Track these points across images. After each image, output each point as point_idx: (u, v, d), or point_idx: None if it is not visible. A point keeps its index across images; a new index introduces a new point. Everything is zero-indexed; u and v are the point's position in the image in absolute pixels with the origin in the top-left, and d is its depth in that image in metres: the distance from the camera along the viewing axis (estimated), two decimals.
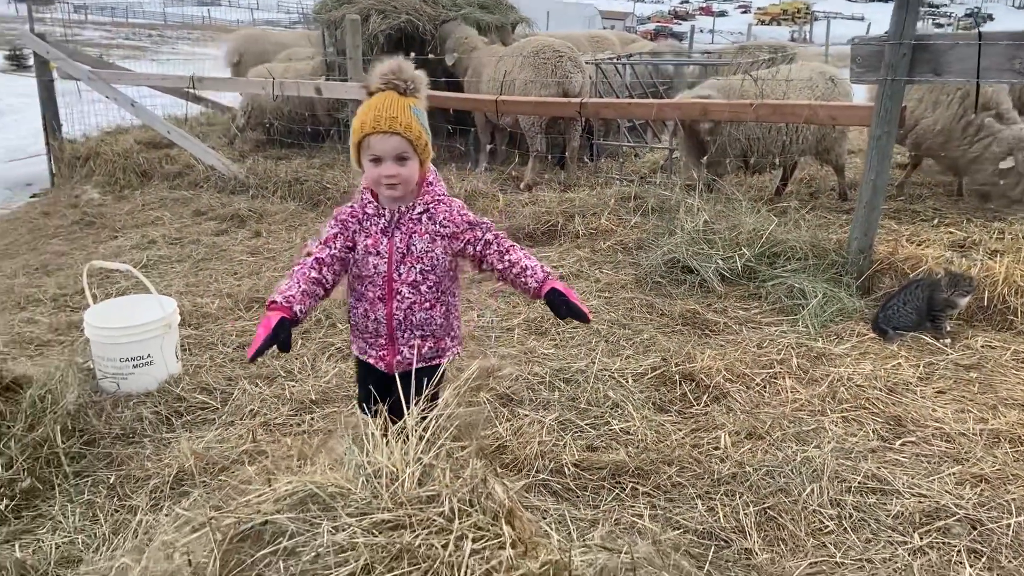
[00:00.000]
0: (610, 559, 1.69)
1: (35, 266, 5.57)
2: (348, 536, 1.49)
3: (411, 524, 1.53)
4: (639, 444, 3.06)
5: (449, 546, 1.49)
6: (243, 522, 1.52)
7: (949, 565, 2.40)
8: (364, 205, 2.39)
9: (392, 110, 2.26)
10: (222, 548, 1.49)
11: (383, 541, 1.48)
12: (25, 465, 2.79)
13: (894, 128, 4.12)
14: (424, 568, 1.45)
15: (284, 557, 1.43)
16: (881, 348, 3.81)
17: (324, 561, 1.44)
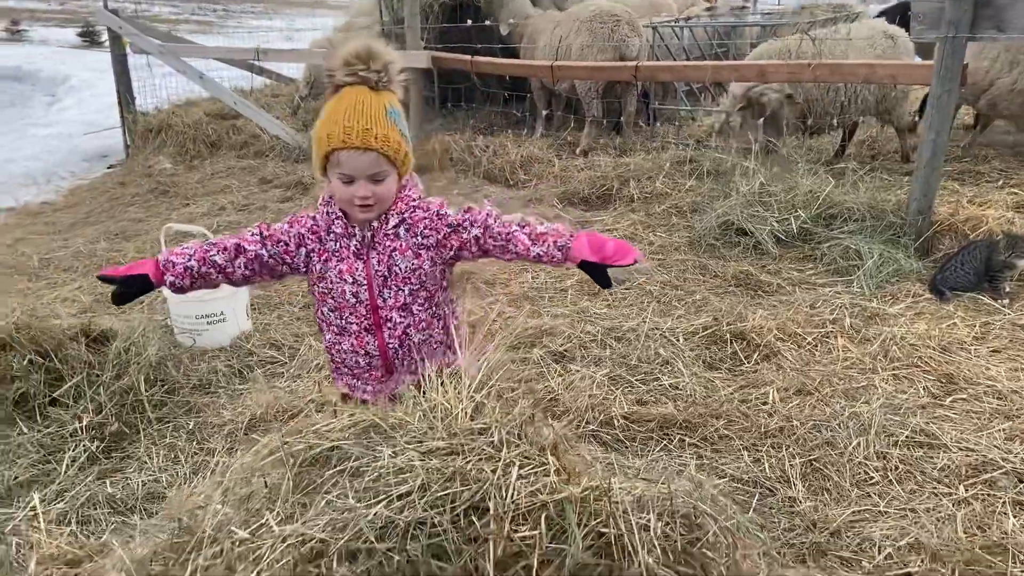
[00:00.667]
0: (648, 488, 1.79)
1: (114, 232, 5.89)
2: (406, 459, 1.62)
3: (463, 451, 1.66)
4: (688, 399, 3.15)
5: (498, 471, 1.61)
6: (312, 448, 1.67)
7: (993, 516, 2.43)
8: (330, 222, 2.00)
9: (365, 119, 1.86)
10: (294, 470, 1.65)
11: (438, 464, 1.60)
12: (113, 411, 3.03)
13: (955, 86, 4.04)
14: (475, 489, 1.57)
15: (350, 477, 1.58)
16: (936, 308, 3.79)
17: (385, 480, 1.58)
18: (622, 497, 1.59)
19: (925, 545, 2.31)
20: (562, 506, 1.60)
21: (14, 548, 2.43)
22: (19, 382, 2.95)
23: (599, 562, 1.61)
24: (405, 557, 1.45)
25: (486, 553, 1.48)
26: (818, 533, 2.41)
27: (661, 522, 1.71)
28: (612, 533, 1.62)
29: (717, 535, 1.79)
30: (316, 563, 1.46)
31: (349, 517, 1.51)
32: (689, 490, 1.81)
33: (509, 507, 1.55)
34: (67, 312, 3.84)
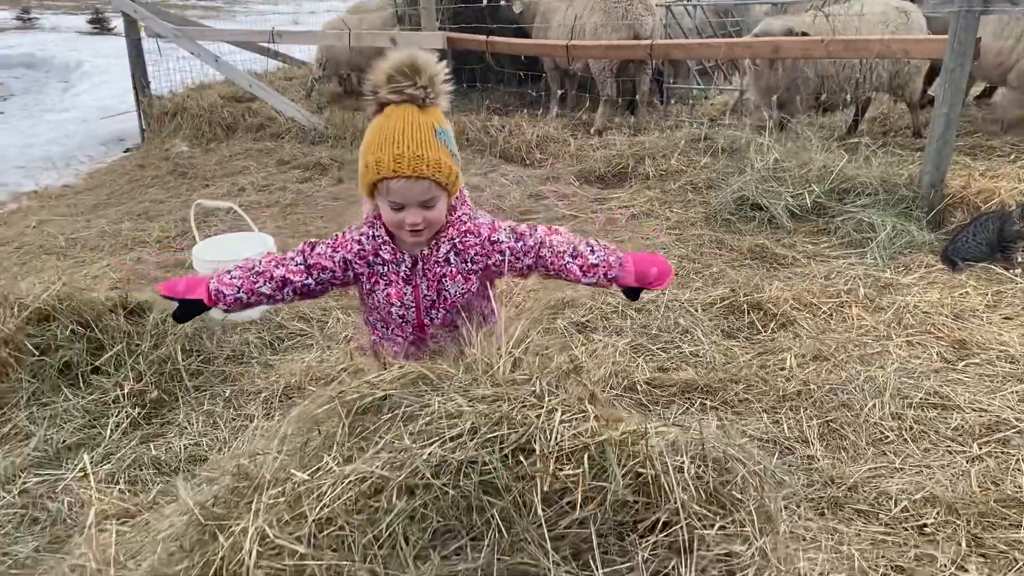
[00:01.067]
0: (681, 434, 1.89)
1: (137, 212, 5.99)
2: (456, 406, 1.72)
3: (508, 399, 1.76)
4: (708, 365, 3.24)
5: (542, 416, 1.72)
6: (364, 397, 1.78)
7: (1006, 472, 2.52)
8: (377, 247, 1.97)
9: (415, 145, 1.79)
10: (348, 418, 1.75)
11: (485, 409, 1.71)
12: (152, 379, 3.15)
13: (968, 61, 4.10)
14: (521, 432, 1.68)
15: (403, 422, 1.68)
16: (949, 278, 3.87)
17: (437, 424, 1.68)
18: (658, 441, 1.69)
19: (940, 498, 2.41)
20: (603, 447, 1.71)
21: (66, 506, 2.55)
22: (63, 351, 3.06)
23: (637, 499, 1.72)
24: (459, 492, 1.56)
25: (533, 489, 1.59)
26: (836, 488, 2.50)
27: (694, 465, 1.82)
28: (649, 473, 1.73)
29: (746, 479, 1.90)
30: (376, 498, 1.57)
31: (405, 457, 1.62)
32: (719, 436, 1.92)
33: (553, 448, 1.66)
34: (100, 287, 3.95)
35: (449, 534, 1.63)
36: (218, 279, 2.02)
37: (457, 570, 1.60)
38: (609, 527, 1.73)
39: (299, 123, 7.75)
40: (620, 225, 4.85)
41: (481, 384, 1.76)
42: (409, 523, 1.59)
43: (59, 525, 2.48)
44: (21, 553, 2.33)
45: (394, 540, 1.58)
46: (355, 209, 5.45)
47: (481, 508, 1.58)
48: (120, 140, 9.18)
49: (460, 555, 1.63)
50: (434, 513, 1.60)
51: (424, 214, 1.86)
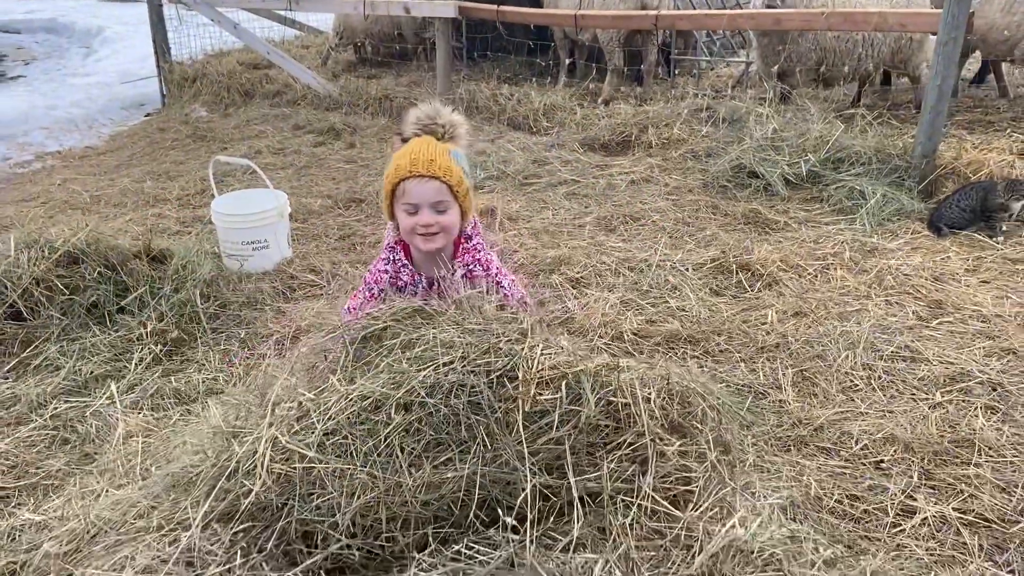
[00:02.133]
0: (649, 369, 2.08)
1: (158, 172, 6.21)
2: (448, 336, 1.92)
3: (496, 333, 1.96)
4: (693, 319, 3.43)
5: (525, 348, 1.91)
6: (367, 328, 1.98)
7: (964, 417, 2.70)
8: (398, 270, 2.25)
9: (430, 153, 2.10)
10: (352, 346, 1.96)
11: (474, 340, 1.91)
12: (173, 319, 3.37)
13: (961, 34, 4.21)
14: (506, 360, 1.88)
15: (401, 348, 1.88)
16: (933, 243, 4.02)
17: (431, 352, 1.88)
18: (628, 375, 1.88)
19: (899, 438, 2.60)
20: (578, 376, 1.91)
21: (94, 429, 2.78)
22: (90, 291, 3.29)
23: (608, 423, 1.91)
24: (450, 410, 1.76)
25: (516, 410, 1.79)
26: (803, 428, 2.70)
27: (660, 398, 2.01)
28: (619, 401, 1.93)
29: (705, 411, 2.10)
30: (376, 412, 1.77)
31: (403, 378, 1.82)
32: (683, 374, 2.11)
33: (535, 375, 1.86)
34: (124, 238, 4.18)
35: (440, 446, 1.84)
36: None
37: (446, 477, 1.81)
38: (582, 445, 1.93)
39: (314, 90, 7.93)
40: (619, 190, 5.01)
41: (472, 320, 1.96)
42: (405, 435, 1.80)
43: (88, 444, 2.71)
44: (54, 467, 2.57)
45: (391, 450, 1.79)
46: (365, 172, 5.63)
47: (469, 425, 1.78)
48: (141, 105, 9.39)
49: (449, 465, 1.84)
50: (427, 428, 1.81)
51: (437, 217, 2.12)
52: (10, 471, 2.54)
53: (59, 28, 14.70)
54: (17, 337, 3.19)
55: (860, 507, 2.32)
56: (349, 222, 4.75)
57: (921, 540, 2.19)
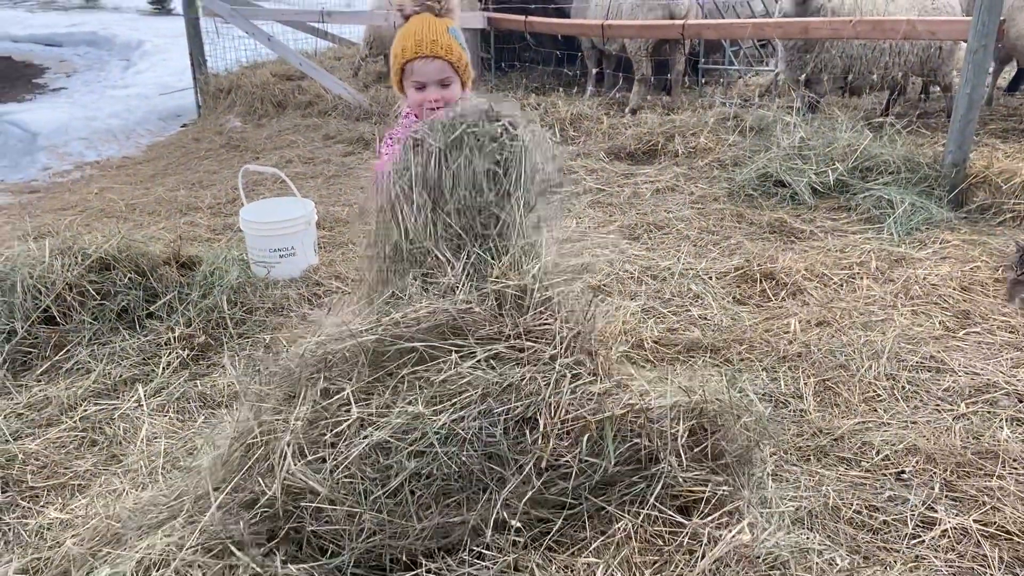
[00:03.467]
0: (681, 398, 2.06)
1: (192, 182, 6.35)
2: (470, 369, 1.89)
3: (524, 360, 1.92)
4: (715, 328, 3.41)
5: (551, 385, 1.88)
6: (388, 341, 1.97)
7: (988, 429, 2.66)
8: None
9: (432, 33, 2.29)
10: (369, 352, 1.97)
11: (496, 377, 1.86)
12: (200, 325, 3.44)
13: (991, 42, 4.16)
14: (527, 403, 1.85)
15: (419, 379, 1.87)
16: (963, 253, 3.96)
17: (451, 387, 1.86)
18: (661, 413, 1.85)
19: (921, 449, 2.56)
20: (602, 425, 1.87)
21: (121, 431, 2.85)
22: (121, 296, 3.37)
23: (628, 468, 1.87)
24: (462, 462, 1.75)
25: (532, 463, 1.76)
26: (824, 438, 2.67)
27: (688, 430, 1.96)
28: (644, 445, 1.89)
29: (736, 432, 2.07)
30: (387, 455, 1.77)
31: (417, 423, 1.80)
32: (719, 394, 2.07)
33: (556, 424, 1.82)
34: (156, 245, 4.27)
35: (450, 493, 1.82)
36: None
37: (453, 522, 1.78)
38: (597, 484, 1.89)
39: (345, 100, 8.04)
40: (644, 199, 5.01)
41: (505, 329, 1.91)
42: (416, 480, 1.78)
43: (115, 446, 2.77)
44: (82, 467, 2.64)
45: (402, 495, 1.77)
46: None
47: (481, 475, 1.76)
48: (177, 116, 9.60)
49: (458, 510, 1.81)
50: (439, 474, 1.79)
51: (441, 92, 2.36)
52: (40, 471, 2.61)
53: (100, 41, 15.07)
54: (50, 341, 3.28)
55: (879, 518, 2.29)
56: None
57: (941, 552, 2.15)
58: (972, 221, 4.36)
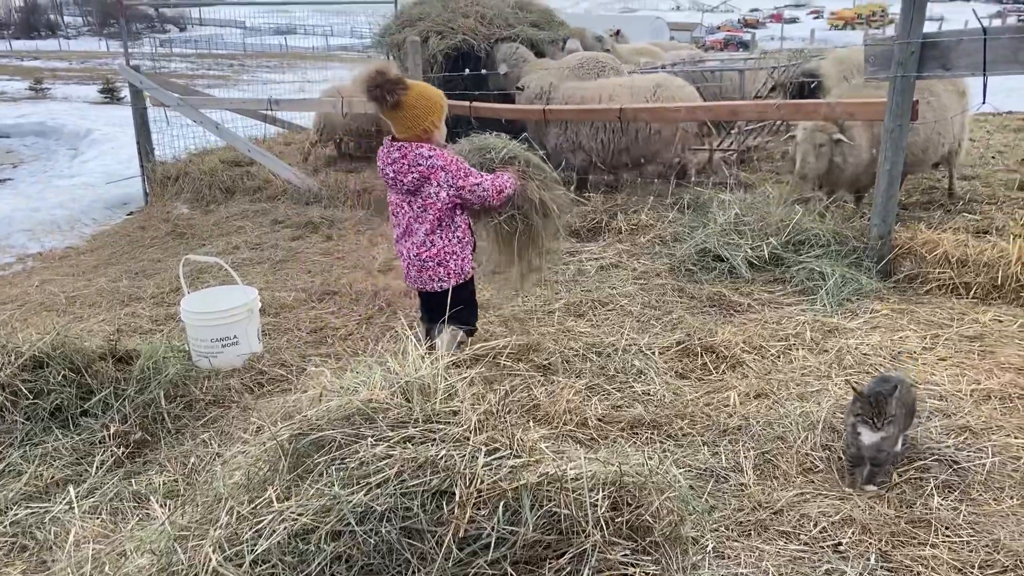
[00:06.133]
0: (601, 469, 2.09)
1: (135, 271, 6.29)
2: (385, 450, 1.92)
3: (436, 440, 1.96)
4: (658, 403, 3.46)
5: (466, 458, 1.91)
6: (302, 435, 2.00)
7: (921, 496, 2.72)
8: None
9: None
10: (288, 453, 1.97)
11: (412, 454, 1.90)
12: (137, 421, 3.38)
13: (906, 121, 4.41)
14: (443, 476, 1.87)
15: (336, 465, 1.89)
16: (891, 322, 4.10)
17: (365, 469, 1.88)
18: (578, 483, 1.87)
19: (856, 520, 2.60)
20: (520, 493, 1.89)
21: (52, 535, 2.75)
22: (54, 395, 3.30)
23: (550, 538, 1.89)
24: (380, 538, 1.75)
25: (450, 534, 1.77)
26: (763, 512, 2.70)
27: (609, 500, 2.00)
28: (563, 513, 1.92)
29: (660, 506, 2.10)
30: (308, 539, 1.76)
31: (333, 504, 1.81)
32: (639, 468, 2.11)
33: (472, 494, 1.84)
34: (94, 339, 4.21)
35: (372, 573, 1.81)
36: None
37: None
38: (522, 560, 1.89)
39: (295, 185, 8.11)
40: (589, 276, 5.11)
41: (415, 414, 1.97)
42: (336, 563, 1.78)
43: (45, 552, 2.68)
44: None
45: None
46: (341, 264, 5.68)
47: (401, 550, 1.77)
48: (124, 204, 9.56)
49: None
50: (359, 554, 1.78)
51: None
52: None
53: (48, 131, 15.05)
54: None
55: None
56: (322, 315, 4.80)
57: None
58: (900, 290, 4.53)
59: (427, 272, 3.61)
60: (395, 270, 5.57)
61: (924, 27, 4.39)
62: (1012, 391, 3.35)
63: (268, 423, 2.09)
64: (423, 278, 3.64)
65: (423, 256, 3.58)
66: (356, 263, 5.84)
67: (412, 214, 3.57)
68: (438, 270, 3.61)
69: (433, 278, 3.62)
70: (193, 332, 4.07)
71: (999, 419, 3.16)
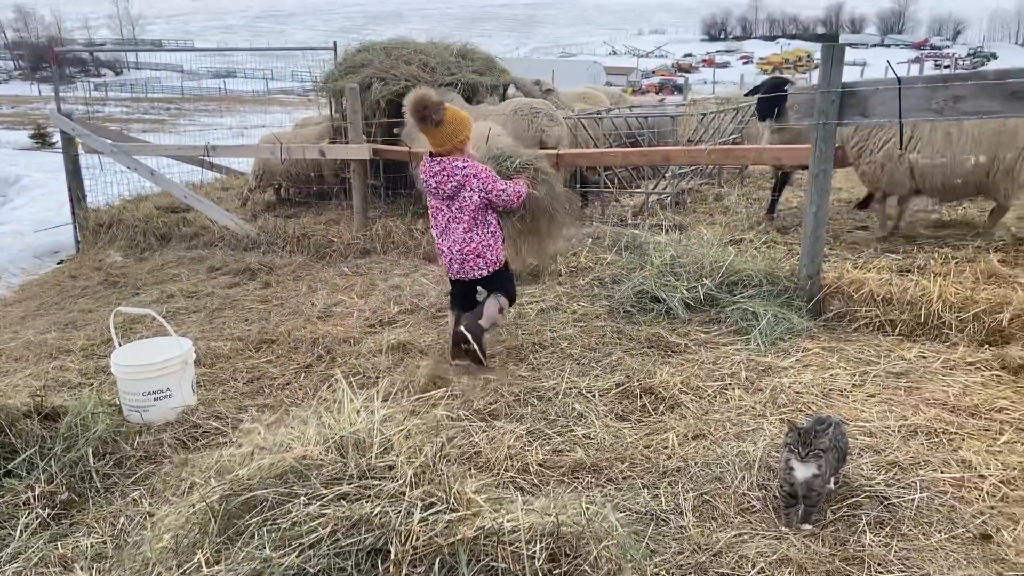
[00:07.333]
0: (538, 520, 2.08)
1: (65, 323, 6.10)
2: (318, 508, 1.89)
3: (371, 496, 1.94)
4: (598, 446, 3.48)
5: (401, 513, 1.90)
6: (233, 495, 1.95)
7: (854, 533, 2.78)
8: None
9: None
10: (218, 515, 1.92)
11: (346, 512, 1.88)
12: (64, 481, 3.25)
13: (829, 166, 4.60)
14: (378, 534, 1.85)
15: (268, 527, 1.86)
16: (822, 360, 4.22)
17: (298, 529, 1.85)
18: (516, 536, 1.87)
19: (793, 559, 2.65)
20: (456, 548, 1.88)
21: None
22: None
23: None
24: None
25: None
26: (703, 554, 2.72)
27: (547, 551, 2.00)
28: (500, 568, 1.91)
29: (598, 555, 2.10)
30: None
31: (264, 567, 1.77)
32: (577, 517, 2.12)
33: (407, 551, 1.83)
34: (19, 395, 4.05)
35: None
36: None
37: None
38: None
39: (232, 231, 8.01)
40: (529, 319, 5.14)
41: (348, 470, 1.95)
42: None
43: None
44: None
45: None
46: (279, 311, 5.61)
47: None
48: (55, 252, 9.30)
49: None
50: None
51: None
52: None
53: None
54: None
55: None
56: (259, 364, 4.72)
57: None
58: (830, 329, 4.68)
59: (468, 264, 4.30)
60: (334, 316, 5.52)
61: (846, 72, 4.60)
62: (937, 426, 3.47)
63: (199, 482, 2.03)
64: (465, 269, 4.33)
65: (464, 251, 4.27)
66: (295, 310, 5.77)
67: (450, 215, 4.28)
68: (477, 261, 4.30)
69: (474, 268, 4.32)
70: (124, 386, 3.95)
71: (926, 454, 3.26)
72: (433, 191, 4.27)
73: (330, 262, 7.11)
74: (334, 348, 4.82)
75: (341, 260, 7.11)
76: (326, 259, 7.21)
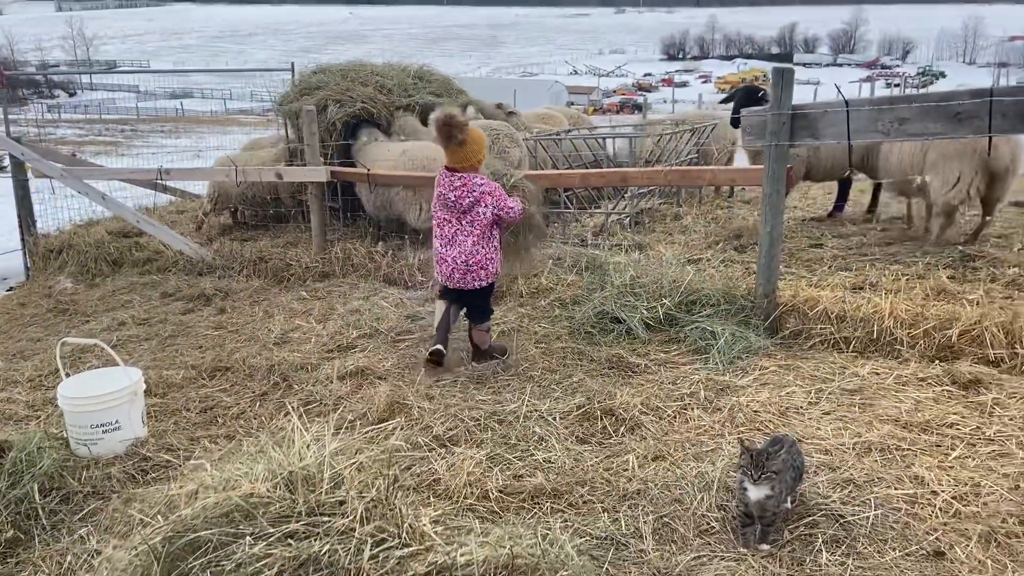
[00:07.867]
0: (492, 554, 2.05)
1: (12, 352, 5.92)
2: (265, 547, 1.84)
3: (320, 534, 1.89)
4: (558, 471, 3.46)
5: (351, 551, 1.85)
6: (177, 536, 1.89)
7: (811, 552, 2.79)
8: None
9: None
10: (160, 558, 1.86)
11: (293, 552, 1.83)
12: (9, 518, 3.14)
13: (782, 186, 4.67)
14: (326, 573, 1.80)
15: (211, 566, 1.80)
16: (779, 378, 4.26)
17: (243, 571, 1.80)
18: (465, 570, 1.84)
19: None
20: None
21: None
22: None
23: None
24: None
25: None
26: None
27: None
28: None
29: None
30: None
31: None
32: (532, 548, 2.09)
33: None
34: None
35: None
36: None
37: None
38: None
39: (187, 255, 7.87)
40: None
41: (297, 506, 1.91)
42: None
43: None
44: None
45: None
46: (234, 338, 5.51)
47: None
48: (3, 279, 9.03)
49: None
50: None
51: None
52: None
53: None
54: None
55: None
56: (213, 393, 4.62)
57: None
58: (786, 347, 4.73)
59: (471, 274, 4.60)
60: (291, 342, 5.44)
61: (801, 91, 4.69)
62: (891, 442, 3.52)
63: (141, 523, 1.96)
64: (467, 279, 4.62)
65: (470, 262, 4.57)
66: (251, 336, 5.68)
67: (459, 227, 4.57)
68: (480, 272, 4.62)
69: (475, 279, 4.62)
70: (71, 419, 3.84)
71: (880, 471, 3.30)
72: (451, 204, 4.53)
73: (288, 286, 7.01)
74: (290, 375, 4.74)
75: (299, 284, 7.02)
76: (284, 283, 7.11)
